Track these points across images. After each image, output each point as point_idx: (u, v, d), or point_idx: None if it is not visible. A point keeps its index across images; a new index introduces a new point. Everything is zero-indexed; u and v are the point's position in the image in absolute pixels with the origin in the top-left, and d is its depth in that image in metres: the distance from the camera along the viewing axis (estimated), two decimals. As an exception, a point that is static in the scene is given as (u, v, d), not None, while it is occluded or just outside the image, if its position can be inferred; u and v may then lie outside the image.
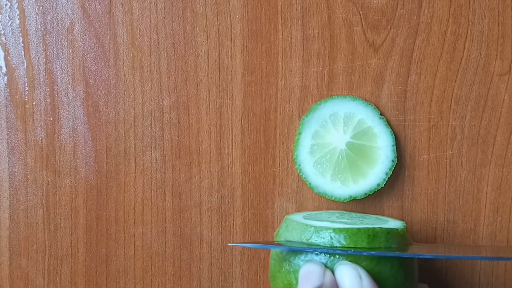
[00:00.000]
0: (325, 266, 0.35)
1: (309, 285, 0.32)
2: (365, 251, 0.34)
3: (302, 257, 0.36)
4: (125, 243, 0.45)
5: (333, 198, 0.43)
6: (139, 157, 0.44)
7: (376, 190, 0.42)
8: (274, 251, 0.38)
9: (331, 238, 0.35)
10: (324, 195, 0.43)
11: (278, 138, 0.44)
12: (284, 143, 0.44)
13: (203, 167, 0.44)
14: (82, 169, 0.44)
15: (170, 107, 0.44)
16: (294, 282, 0.36)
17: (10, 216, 0.45)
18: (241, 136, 0.44)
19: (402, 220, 0.44)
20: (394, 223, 0.38)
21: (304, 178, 0.43)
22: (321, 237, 0.36)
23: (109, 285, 0.45)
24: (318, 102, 0.43)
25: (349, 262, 0.34)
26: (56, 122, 0.44)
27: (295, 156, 0.43)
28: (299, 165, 0.43)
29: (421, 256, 0.35)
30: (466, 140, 0.43)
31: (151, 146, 0.44)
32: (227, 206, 0.44)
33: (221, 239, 0.44)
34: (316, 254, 0.35)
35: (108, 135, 0.44)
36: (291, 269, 0.36)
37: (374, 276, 0.34)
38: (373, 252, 0.34)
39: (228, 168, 0.44)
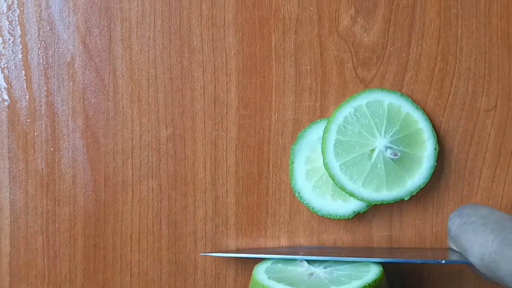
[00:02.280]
0: None
1: None
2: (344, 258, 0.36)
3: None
4: (122, 269, 0.45)
5: (337, 217, 0.43)
6: (136, 186, 0.45)
7: (378, 203, 0.42)
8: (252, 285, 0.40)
9: None
10: (328, 216, 0.43)
11: (271, 170, 0.45)
12: (276, 174, 0.45)
13: (198, 196, 0.45)
14: (81, 198, 0.45)
15: (167, 138, 0.45)
16: None
17: (10, 243, 0.45)
18: (235, 167, 0.45)
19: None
20: (369, 276, 0.39)
21: (306, 204, 0.43)
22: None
23: (106, 310, 0.46)
24: (303, 130, 0.44)
25: None
26: (56, 152, 0.45)
27: (292, 185, 0.44)
28: (299, 193, 0.44)
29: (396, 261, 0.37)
30: (453, 173, 0.44)
31: (148, 176, 0.45)
32: (221, 234, 0.45)
33: (215, 267, 0.45)
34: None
35: (106, 165, 0.45)
36: None
37: None
38: (350, 258, 0.35)
39: (222, 198, 0.45)
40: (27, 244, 0.45)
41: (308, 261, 0.40)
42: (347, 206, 0.43)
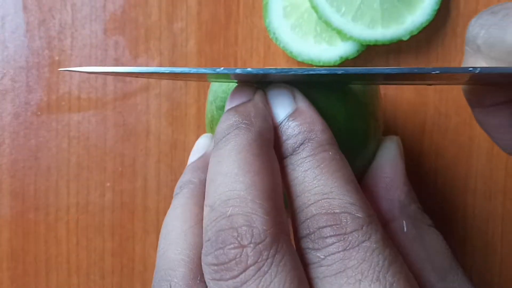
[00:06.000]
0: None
1: (235, 103, 0.23)
2: (300, 69, 0.21)
3: (226, 85, 0.25)
4: (58, 133, 0.36)
5: (321, 63, 0.33)
6: (77, 31, 0.35)
7: (372, 44, 0.33)
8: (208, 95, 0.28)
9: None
10: (310, 63, 0.32)
11: (241, 11, 0.35)
12: (248, 17, 0.35)
13: (151, 44, 0.35)
14: (11, 44, 0.35)
15: (114, -29, 0.35)
16: (215, 113, 0.26)
17: None
18: (197, 8, 0.35)
19: (384, 110, 0.35)
20: None
21: (283, 47, 0.33)
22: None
23: (38, 183, 0.36)
24: None
25: (282, 84, 0.24)
26: (-20, -13, 0.35)
27: (266, 23, 0.33)
28: (274, 33, 0.33)
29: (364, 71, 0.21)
30: (462, 17, 0.34)
31: (91, 19, 0.35)
32: (180, 92, 0.35)
33: (172, 131, 0.35)
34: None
35: (41, 4, 0.35)
36: (212, 98, 0.26)
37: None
38: (314, 70, 0.21)
39: (181, 46, 0.35)
40: None
41: None
42: (333, 50, 0.33)
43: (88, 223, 0.35)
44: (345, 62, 0.33)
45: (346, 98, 0.25)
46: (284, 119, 0.22)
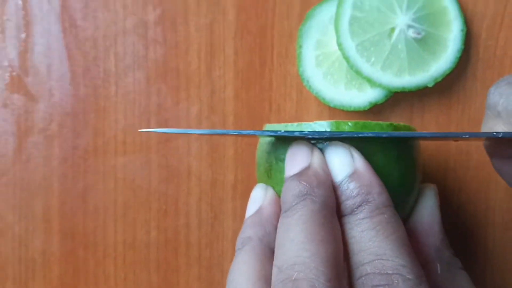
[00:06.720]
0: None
1: (296, 168, 0.25)
2: (359, 132, 0.25)
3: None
4: (105, 175, 0.38)
5: (352, 109, 0.35)
6: (121, 79, 0.37)
7: (399, 90, 0.35)
8: (260, 144, 0.30)
9: (312, 128, 0.27)
10: (341, 108, 0.35)
11: (275, 59, 0.37)
12: (282, 65, 0.37)
13: (191, 91, 0.37)
14: (57, 91, 0.37)
15: (154, 22, 0.37)
16: (274, 162, 0.28)
17: (-24, 145, 0.37)
18: (234, 57, 0.37)
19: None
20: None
21: (316, 94, 0.35)
22: (300, 128, 0.27)
23: (87, 222, 0.38)
24: (313, 8, 0.36)
25: (340, 142, 0.26)
26: (28, 39, 0.37)
27: (300, 72, 0.35)
28: (308, 81, 0.35)
29: (411, 135, 0.26)
30: (481, 62, 0.37)
31: (134, 67, 0.37)
32: (218, 135, 0.37)
33: (212, 172, 0.37)
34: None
35: (85, 54, 0.37)
36: (271, 150, 0.28)
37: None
38: (365, 133, 0.25)
39: (219, 92, 0.37)
40: (-5, 146, 0.37)
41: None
42: (363, 96, 0.36)
43: (135, 259, 0.37)
44: (374, 106, 0.35)
45: (400, 154, 0.27)
46: (343, 180, 0.25)
